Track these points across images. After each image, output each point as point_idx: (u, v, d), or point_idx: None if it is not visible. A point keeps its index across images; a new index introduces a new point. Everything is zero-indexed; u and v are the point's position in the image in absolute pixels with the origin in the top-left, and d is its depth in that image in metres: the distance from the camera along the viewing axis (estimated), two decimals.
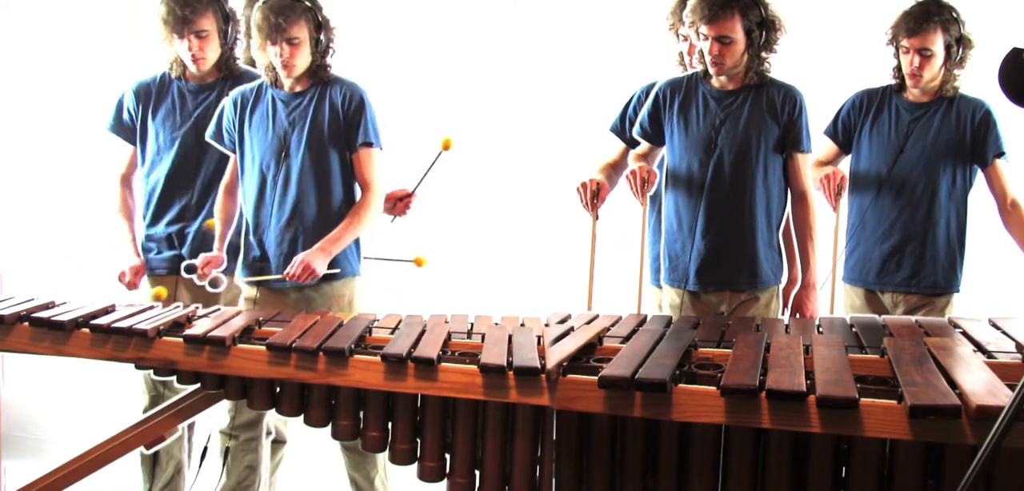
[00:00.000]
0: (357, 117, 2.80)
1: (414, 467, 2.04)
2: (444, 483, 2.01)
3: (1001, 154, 2.80)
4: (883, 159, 2.85)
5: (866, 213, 2.87)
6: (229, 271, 2.91)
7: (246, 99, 2.84)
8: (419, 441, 2.02)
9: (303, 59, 2.75)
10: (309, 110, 2.79)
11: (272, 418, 2.98)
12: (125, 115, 3.05)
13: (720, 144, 2.67)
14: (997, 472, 1.52)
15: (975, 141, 2.80)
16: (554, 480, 1.85)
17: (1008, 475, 1.52)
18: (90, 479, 2.33)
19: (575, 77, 3.68)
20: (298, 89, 2.81)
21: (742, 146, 2.66)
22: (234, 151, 2.86)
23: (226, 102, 2.87)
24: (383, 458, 2.76)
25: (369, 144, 2.81)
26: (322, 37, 2.78)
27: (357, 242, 2.87)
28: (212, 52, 2.95)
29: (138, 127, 3.03)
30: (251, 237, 2.83)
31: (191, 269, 2.87)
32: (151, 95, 3.02)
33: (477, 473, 1.97)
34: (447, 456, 2.01)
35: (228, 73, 3.01)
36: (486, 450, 1.93)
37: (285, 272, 2.69)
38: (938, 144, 2.80)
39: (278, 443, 3.12)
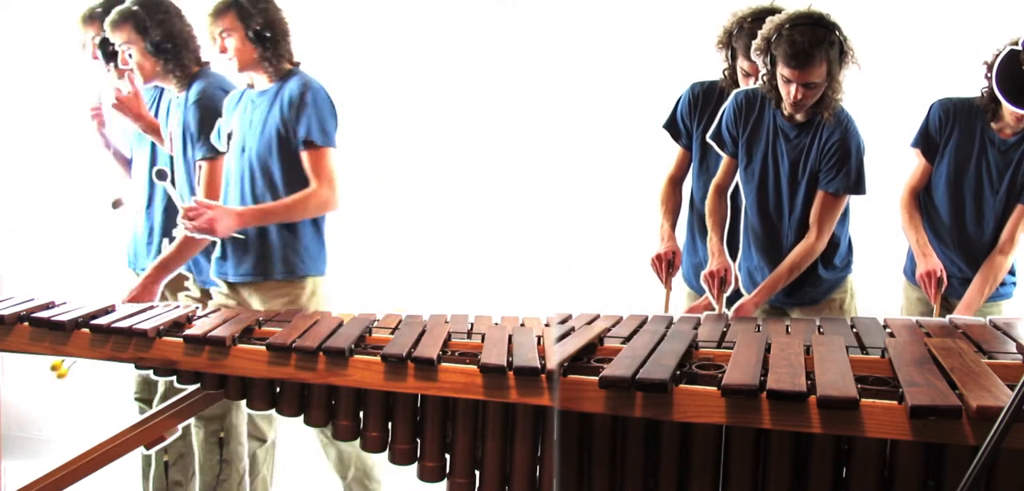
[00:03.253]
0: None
1: (414, 467, 2.04)
2: (444, 483, 2.01)
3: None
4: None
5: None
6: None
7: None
8: (419, 441, 2.02)
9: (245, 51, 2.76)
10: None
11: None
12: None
13: None
14: (997, 472, 1.52)
15: None
16: (555, 480, 1.85)
17: (1008, 475, 1.52)
18: (90, 479, 2.33)
19: (577, 77, 3.67)
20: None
21: None
22: None
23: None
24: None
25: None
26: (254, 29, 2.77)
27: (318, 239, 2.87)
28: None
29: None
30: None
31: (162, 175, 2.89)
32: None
33: (477, 473, 1.97)
34: (447, 456, 2.01)
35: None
36: (486, 450, 1.93)
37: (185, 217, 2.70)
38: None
39: (255, 439, 3.10)
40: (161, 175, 2.81)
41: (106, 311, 2.33)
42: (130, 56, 2.90)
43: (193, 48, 2.95)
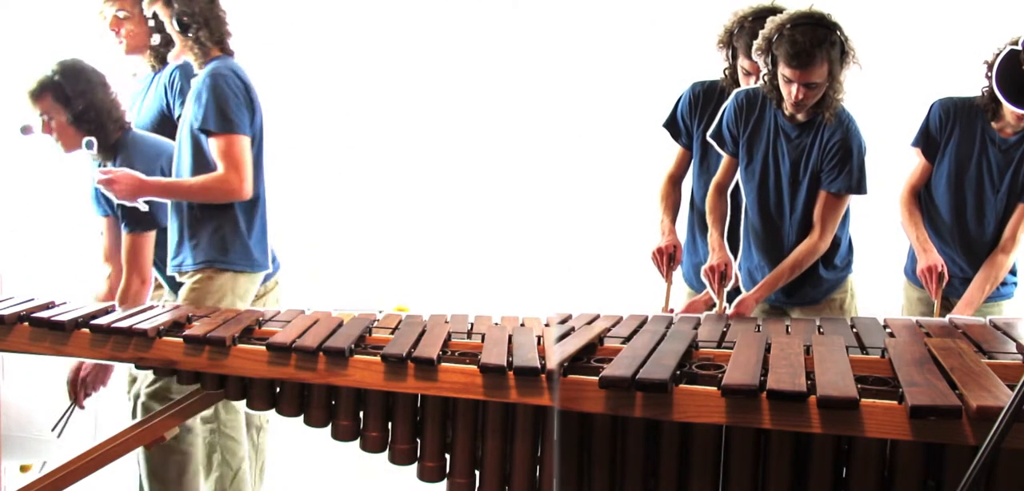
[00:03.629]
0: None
1: (414, 467, 2.04)
2: (444, 483, 2.01)
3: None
4: None
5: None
6: None
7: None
8: (419, 441, 2.02)
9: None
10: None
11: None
12: None
13: None
14: (997, 472, 1.52)
15: None
16: (555, 480, 1.85)
17: (1008, 475, 1.52)
18: (90, 479, 2.33)
19: (577, 77, 3.68)
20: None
21: None
22: None
23: None
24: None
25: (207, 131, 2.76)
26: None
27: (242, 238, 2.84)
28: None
29: None
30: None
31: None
32: None
33: (477, 473, 1.97)
34: (447, 456, 2.01)
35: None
36: (486, 450, 1.93)
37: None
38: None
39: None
40: (89, 146, 2.79)
41: (106, 311, 2.32)
42: (52, 126, 2.82)
43: (117, 117, 2.87)
